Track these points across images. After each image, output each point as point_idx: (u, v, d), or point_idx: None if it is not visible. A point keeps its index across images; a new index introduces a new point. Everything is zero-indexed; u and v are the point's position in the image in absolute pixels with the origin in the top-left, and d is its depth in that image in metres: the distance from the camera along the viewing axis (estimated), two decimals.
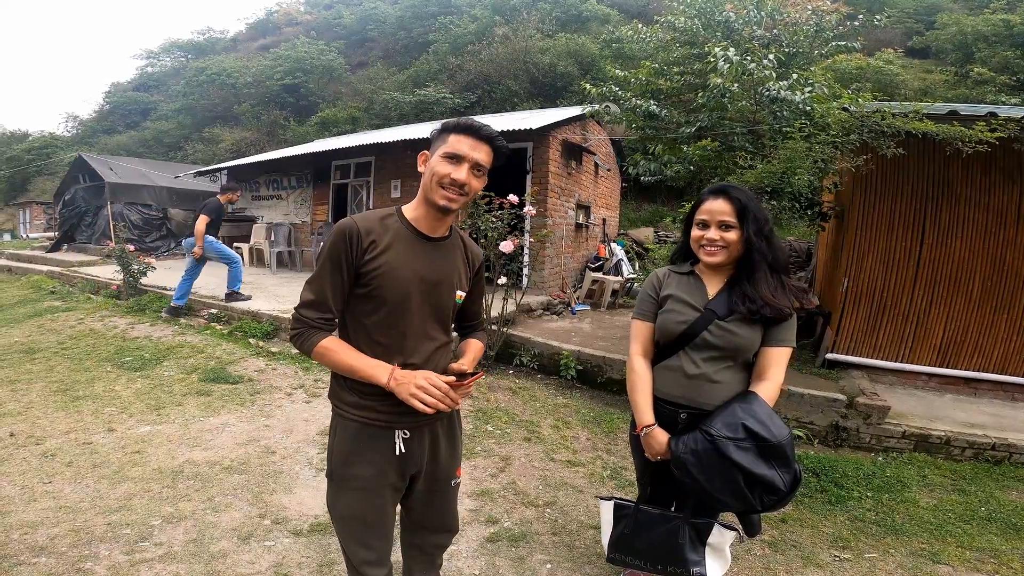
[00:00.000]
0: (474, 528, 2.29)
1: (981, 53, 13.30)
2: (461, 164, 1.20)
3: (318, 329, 1.22)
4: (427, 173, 1.24)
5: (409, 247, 1.25)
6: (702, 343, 1.48)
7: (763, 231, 1.46)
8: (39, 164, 23.88)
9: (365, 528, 1.29)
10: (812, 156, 3.12)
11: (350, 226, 1.22)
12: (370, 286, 1.21)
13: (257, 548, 2.06)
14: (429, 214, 1.27)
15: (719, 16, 4.36)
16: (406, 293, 1.23)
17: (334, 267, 1.21)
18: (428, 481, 1.35)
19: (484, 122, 1.27)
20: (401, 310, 1.24)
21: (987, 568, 2.28)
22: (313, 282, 1.24)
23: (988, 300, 4.17)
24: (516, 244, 4.18)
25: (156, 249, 10.86)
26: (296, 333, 1.24)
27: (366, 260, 1.21)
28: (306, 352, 1.23)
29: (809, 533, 2.46)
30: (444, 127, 1.26)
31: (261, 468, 2.72)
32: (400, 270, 1.22)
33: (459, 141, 1.21)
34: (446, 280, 1.30)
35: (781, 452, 1.35)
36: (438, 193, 1.21)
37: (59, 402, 3.56)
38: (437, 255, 1.29)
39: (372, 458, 1.27)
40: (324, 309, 1.22)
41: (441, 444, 1.36)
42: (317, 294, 1.22)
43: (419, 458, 1.31)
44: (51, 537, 2.06)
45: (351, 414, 1.26)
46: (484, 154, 1.23)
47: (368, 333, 1.25)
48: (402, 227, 1.26)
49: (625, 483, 2.84)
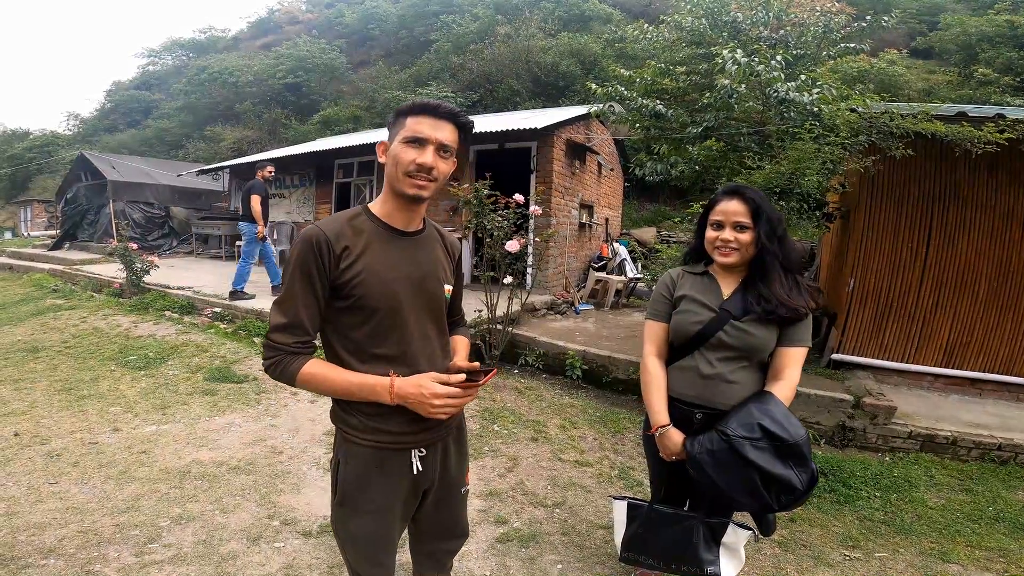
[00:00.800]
0: (484, 529, 2.29)
1: (985, 54, 13.29)
2: (424, 147, 1.09)
3: (295, 354, 1.10)
4: (389, 163, 1.13)
5: (387, 246, 1.14)
6: (717, 343, 1.47)
7: (776, 232, 1.46)
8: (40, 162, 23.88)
9: (377, 547, 1.22)
10: (821, 157, 3.11)
11: (316, 234, 1.09)
12: (352, 296, 1.10)
13: (267, 550, 2.05)
14: (400, 207, 1.16)
15: (726, 16, 4.35)
16: (394, 297, 1.13)
17: (305, 284, 1.08)
18: (438, 492, 1.28)
19: (441, 100, 1.16)
20: (393, 316, 1.13)
21: (996, 567, 2.29)
22: (283, 303, 1.10)
23: (994, 301, 4.17)
24: (522, 243, 4.17)
25: (158, 247, 10.85)
26: (272, 362, 1.10)
27: (342, 269, 1.09)
28: (287, 381, 1.10)
29: (819, 533, 2.46)
30: (399, 111, 1.14)
31: (268, 468, 2.72)
32: (382, 273, 1.12)
33: (418, 123, 1.10)
34: (431, 275, 1.21)
35: (798, 451, 1.35)
36: (405, 183, 1.10)
37: (63, 401, 3.55)
38: (417, 250, 1.19)
39: (387, 481, 1.18)
40: (299, 332, 1.09)
41: (451, 454, 1.29)
42: (289, 316, 1.09)
43: (432, 473, 1.24)
44: (59, 538, 2.06)
45: (361, 439, 1.15)
46: (448, 133, 1.11)
47: (361, 347, 1.13)
48: (374, 226, 1.15)
49: (633, 483, 2.83)
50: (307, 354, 1.12)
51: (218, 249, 10.55)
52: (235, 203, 11.59)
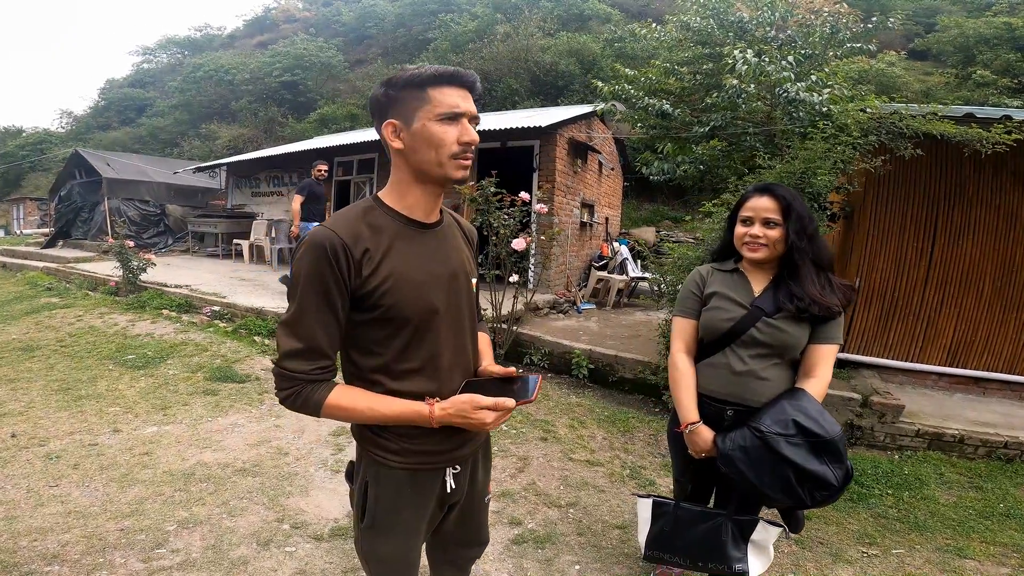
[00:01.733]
0: (498, 530, 2.25)
1: (982, 56, 13.41)
2: (460, 122, 0.95)
3: (316, 382, 0.95)
4: (422, 146, 0.95)
5: (412, 243, 0.99)
6: (749, 340, 1.46)
7: (806, 229, 1.45)
8: (33, 160, 23.60)
9: (405, 566, 1.16)
10: (832, 157, 3.10)
11: (329, 238, 0.91)
12: (380, 307, 0.94)
13: (278, 554, 2.00)
14: (428, 195, 1.01)
15: (732, 17, 4.34)
16: (429, 303, 0.98)
17: (321, 301, 0.92)
18: (464, 504, 1.20)
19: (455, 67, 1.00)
20: (428, 324, 0.99)
21: (1012, 563, 2.30)
22: (294, 324, 0.93)
23: (998, 300, 4.18)
24: (528, 242, 4.14)
25: (154, 245, 10.72)
26: (288, 394, 0.95)
27: (365, 277, 0.93)
28: (310, 413, 0.96)
29: (835, 531, 2.45)
30: (411, 81, 0.94)
31: (275, 470, 2.66)
32: (413, 276, 0.97)
33: (447, 95, 0.94)
34: (461, 269, 1.07)
35: (834, 448, 1.34)
36: (452, 166, 0.96)
37: (61, 402, 3.48)
38: (443, 243, 1.06)
39: (421, 501, 1.10)
40: (318, 356, 0.94)
41: (479, 466, 1.21)
42: (306, 339, 0.93)
43: (463, 488, 1.16)
44: (62, 544, 2.00)
45: (398, 462, 1.04)
46: (472, 102, 0.98)
47: (391, 364, 0.99)
48: (393, 221, 0.99)
49: (645, 482, 2.80)
50: (329, 380, 0.97)
51: (214, 247, 10.44)
52: (232, 201, 11.49)
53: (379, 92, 0.98)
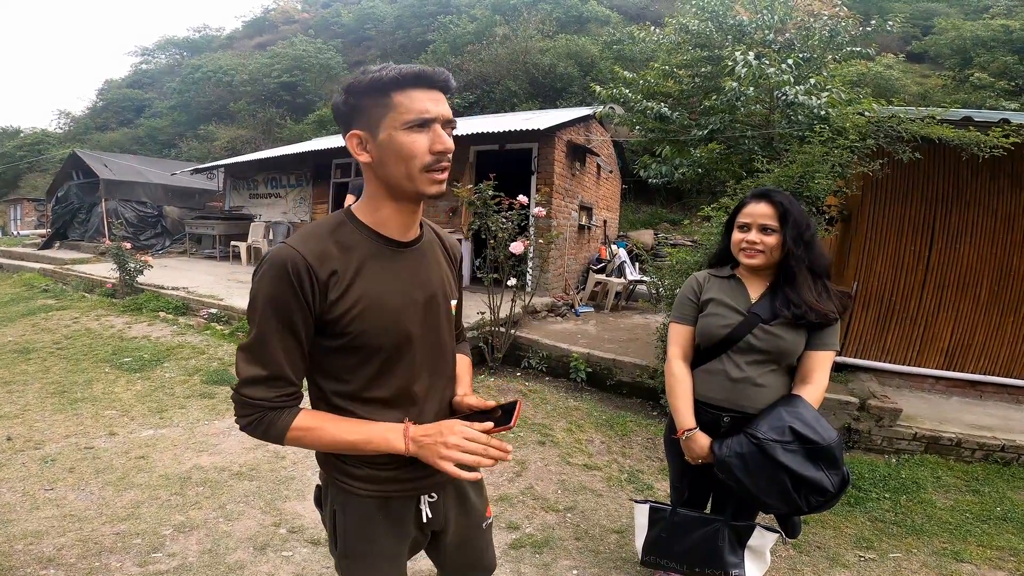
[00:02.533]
0: (496, 535, 2.24)
1: (980, 58, 13.48)
2: (432, 128, 0.84)
3: (279, 409, 0.88)
4: (390, 159, 0.85)
5: (386, 264, 0.91)
6: (746, 347, 1.46)
7: (803, 236, 1.45)
8: (30, 160, 23.54)
9: None
10: (830, 160, 3.11)
11: (291, 258, 0.83)
12: (348, 334, 0.87)
13: (275, 559, 1.99)
14: (400, 211, 0.92)
15: (731, 20, 4.35)
16: (402, 329, 0.91)
17: (283, 325, 0.84)
18: (459, 531, 1.12)
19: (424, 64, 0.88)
20: (401, 352, 0.92)
21: (1008, 566, 2.30)
22: (255, 350, 0.86)
23: (995, 303, 4.20)
24: (526, 245, 4.14)
25: (151, 247, 10.70)
26: (249, 421, 0.87)
27: (332, 302, 0.85)
28: (272, 441, 0.88)
29: (832, 534, 2.46)
30: (374, 86, 0.83)
31: (272, 474, 2.65)
32: (385, 300, 0.89)
33: (415, 100, 0.83)
34: (439, 291, 0.99)
35: (830, 454, 1.35)
36: (424, 180, 0.85)
37: (57, 404, 3.46)
38: (419, 262, 0.96)
39: (397, 529, 1.02)
40: (281, 384, 0.87)
41: (469, 493, 1.12)
42: (267, 366, 0.85)
43: (444, 516, 1.08)
44: (58, 547, 1.99)
45: (365, 490, 0.96)
46: (446, 104, 0.87)
47: (360, 391, 0.92)
48: (366, 238, 0.90)
49: (643, 486, 2.80)
50: (293, 406, 0.90)
51: (212, 249, 10.42)
52: (229, 202, 11.47)
53: (339, 100, 0.88)
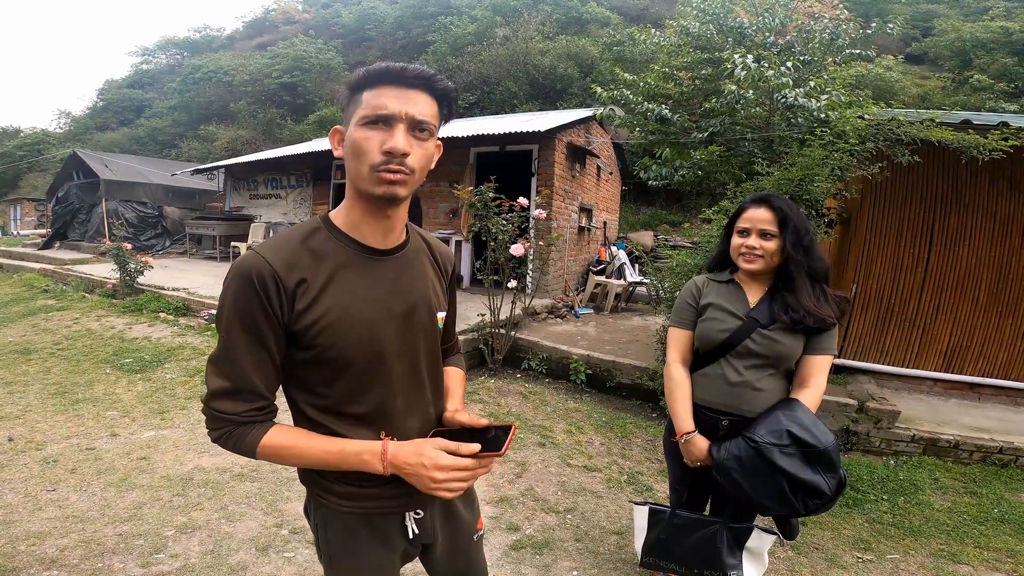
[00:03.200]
0: (496, 536, 2.26)
1: (979, 60, 13.49)
2: (393, 127, 0.80)
3: (249, 424, 0.84)
4: (348, 156, 0.83)
5: (361, 274, 0.87)
6: (744, 351, 1.47)
7: (802, 241, 1.46)
8: (30, 160, 23.54)
9: None
10: (830, 164, 3.12)
11: (258, 266, 0.81)
12: (316, 347, 0.84)
13: (277, 559, 2.00)
14: (370, 213, 0.87)
15: (732, 22, 4.37)
16: (375, 343, 0.87)
17: (250, 336, 0.82)
18: (449, 545, 1.09)
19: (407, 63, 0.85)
20: (375, 367, 0.88)
21: (1005, 567, 2.31)
22: (222, 361, 0.83)
23: (994, 306, 4.21)
24: (527, 247, 4.15)
25: (152, 247, 10.71)
26: (219, 435, 0.85)
27: (299, 312, 0.82)
28: (245, 455, 0.85)
29: (830, 536, 2.47)
30: (351, 84, 0.84)
31: (273, 475, 2.66)
32: (356, 312, 0.85)
33: (379, 96, 0.80)
34: (422, 303, 0.94)
35: (827, 458, 1.36)
36: (372, 180, 0.81)
37: (58, 405, 3.47)
38: (402, 272, 0.92)
39: (381, 543, 0.98)
40: (250, 397, 0.84)
41: (458, 506, 1.09)
42: (235, 379, 0.83)
43: (433, 530, 1.05)
44: (60, 548, 2.00)
45: (346, 507, 0.93)
46: (424, 105, 0.81)
47: (335, 406, 0.88)
48: (340, 246, 0.87)
49: (643, 488, 2.81)
50: (264, 421, 0.86)
51: (212, 250, 10.42)
52: (230, 203, 11.47)
53: (340, 97, 0.88)
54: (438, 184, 7.38)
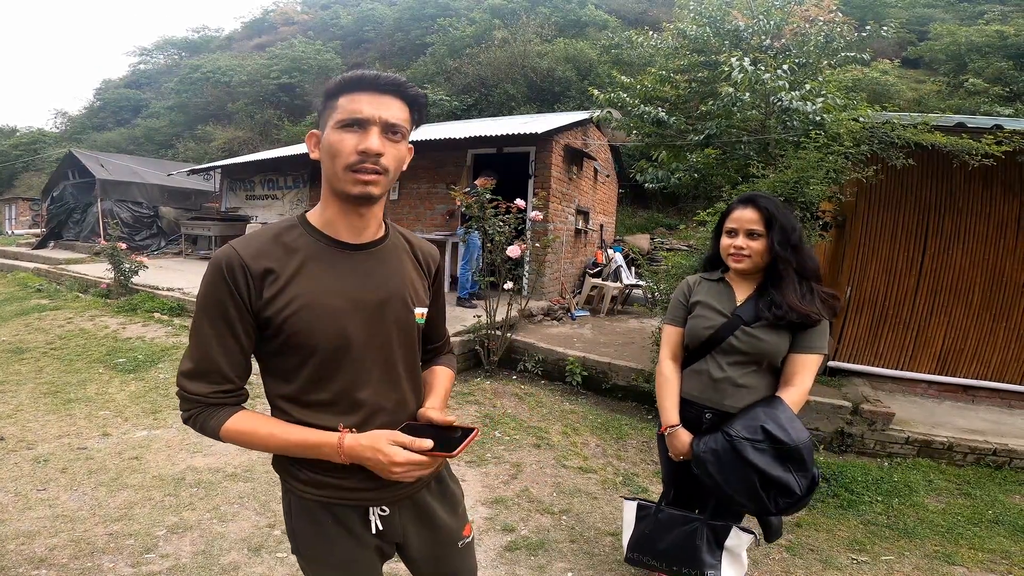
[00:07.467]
0: (491, 537, 2.25)
1: (975, 64, 13.57)
2: (367, 130, 0.86)
3: (217, 406, 0.90)
4: (324, 157, 0.89)
5: (330, 266, 0.92)
6: (728, 348, 1.50)
7: (789, 240, 1.47)
8: (26, 160, 23.44)
9: None
10: (825, 166, 3.14)
11: (229, 257, 0.87)
12: (282, 334, 0.88)
13: (269, 560, 1.99)
14: (344, 211, 0.93)
15: (728, 25, 4.40)
16: (340, 332, 0.90)
17: (218, 321, 0.88)
18: (429, 551, 1.09)
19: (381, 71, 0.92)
20: (340, 356, 0.91)
21: (1000, 569, 2.32)
22: (192, 345, 0.90)
23: (987, 309, 4.23)
24: (523, 249, 4.15)
25: (146, 247, 10.67)
26: (187, 415, 0.91)
27: (266, 299, 0.88)
28: (210, 436, 0.90)
29: (825, 537, 2.47)
30: (328, 91, 0.91)
31: (266, 475, 2.65)
32: (321, 301, 0.89)
33: (354, 101, 0.87)
34: (396, 297, 0.97)
35: (798, 455, 1.37)
36: (347, 179, 0.87)
37: (50, 405, 3.44)
38: (376, 266, 0.96)
39: (347, 535, 0.99)
40: (217, 379, 0.89)
41: (436, 511, 1.08)
42: (202, 361, 0.88)
43: (400, 529, 1.05)
44: (50, 548, 1.98)
45: (310, 494, 0.96)
46: (396, 110, 0.88)
47: (300, 394, 0.92)
48: (312, 240, 0.92)
49: (638, 489, 2.81)
50: (232, 405, 0.91)
51: (207, 250, 10.39)
52: (226, 204, 11.44)
53: (317, 105, 0.97)
54: (435, 186, 7.38)
